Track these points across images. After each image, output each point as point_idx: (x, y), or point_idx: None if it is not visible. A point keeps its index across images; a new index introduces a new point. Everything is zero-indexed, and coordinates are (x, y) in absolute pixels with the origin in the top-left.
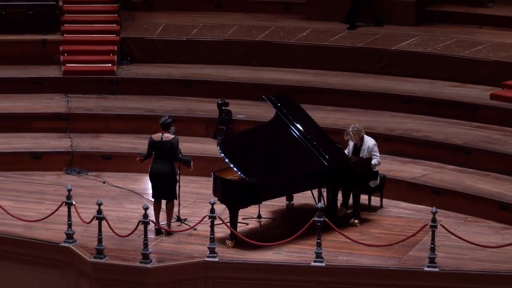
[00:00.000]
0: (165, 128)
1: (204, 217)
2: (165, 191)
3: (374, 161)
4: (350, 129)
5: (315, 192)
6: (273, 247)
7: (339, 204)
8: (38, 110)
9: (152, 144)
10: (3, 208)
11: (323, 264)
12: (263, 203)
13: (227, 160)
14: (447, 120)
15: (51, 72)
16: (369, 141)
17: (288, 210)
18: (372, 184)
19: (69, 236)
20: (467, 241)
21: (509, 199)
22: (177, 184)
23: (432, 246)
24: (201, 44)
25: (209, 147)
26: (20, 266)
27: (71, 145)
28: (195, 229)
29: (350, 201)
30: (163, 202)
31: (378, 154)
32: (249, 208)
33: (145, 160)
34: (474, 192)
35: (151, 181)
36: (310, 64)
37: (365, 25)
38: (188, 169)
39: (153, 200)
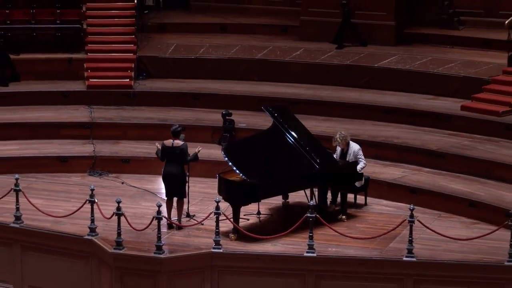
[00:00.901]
0: (176, 135)
1: (210, 213)
2: (176, 190)
3: (361, 165)
4: (338, 135)
5: (308, 191)
6: (271, 239)
7: (328, 202)
8: (65, 120)
9: (164, 149)
10: (34, 206)
11: (314, 255)
12: (262, 201)
13: (230, 163)
14: (423, 129)
15: (76, 86)
16: (354, 146)
17: (284, 207)
18: (358, 184)
19: (92, 230)
20: (440, 234)
21: (477, 198)
22: (187, 184)
23: (410, 238)
24: (208, 62)
25: (215, 152)
26: (49, 256)
27: (93, 150)
28: (202, 224)
29: (338, 199)
30: (175, 200)
31: (363, 157)
32: (249, 205)
33: (160, 159)
34: (446, 192)
35: (163, 182)
36: (303, 79)
37: (351, 45)
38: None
39: (166, 198)
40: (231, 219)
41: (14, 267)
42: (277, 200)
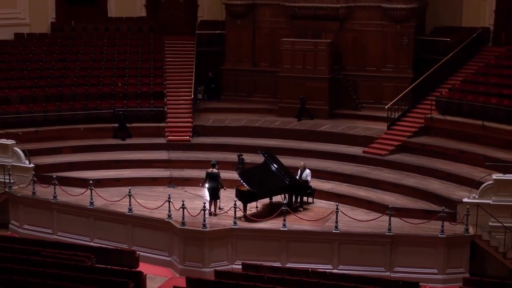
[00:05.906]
0: (213, 166)
1: (231, 207)
2: (214, 195)
3: (308, 179)
4: (300, 165)
5: (283, 195)
6: (263, 221)
7: (293, 201)
8: (155, 158)
9: (207, 174)
10: (139, 203)
11: (286, 229)
12: (259, 201)
13: (242, 180)
14: (343, 162)
15: (161, 140)
16: (307, 171)
17: (270, 203)
18: (309, 191)
19: (169, 216)
20: (353, 218)
21: (371, 199)
22: (220, 192)
23: (336, 221)
24: (230, 128)
25: (234, 175)
26: (148, 230)
27: (170, 174)
28: (227, 213)
29: (299, 200)
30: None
31: (310, 176)
32: (252, 203)
33: (204, 182)
34: (355, 196)
35: (208, 191)
36: (280, 137)
37: (305, 119)
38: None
39: (208, 199)
40: (242, 210)
41: (127, 236)
42: (266, 200)
